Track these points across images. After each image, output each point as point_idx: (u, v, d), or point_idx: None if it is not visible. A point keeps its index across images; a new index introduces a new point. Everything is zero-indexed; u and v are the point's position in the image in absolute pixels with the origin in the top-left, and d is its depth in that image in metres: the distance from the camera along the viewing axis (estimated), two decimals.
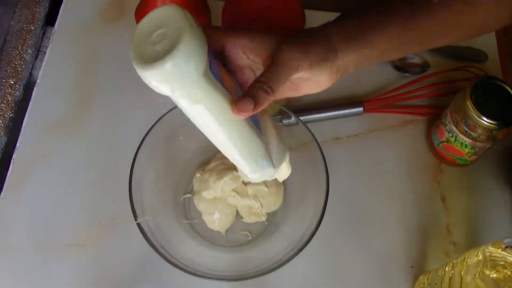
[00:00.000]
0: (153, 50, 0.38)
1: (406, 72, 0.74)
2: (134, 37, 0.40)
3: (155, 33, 0.39)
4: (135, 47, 0.39)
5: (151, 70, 0.37)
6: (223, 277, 0.53)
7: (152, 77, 0.38)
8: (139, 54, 0.39)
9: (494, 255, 0.49)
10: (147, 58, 0.38)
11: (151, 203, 0.57)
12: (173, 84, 0.39)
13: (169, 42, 0.38)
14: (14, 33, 0.73)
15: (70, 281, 0.59)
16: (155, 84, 0.39)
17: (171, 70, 0.37)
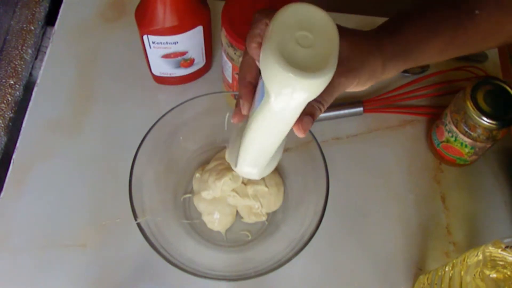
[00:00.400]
0: (300, 53, 0.36)
1: (406, 72, 0.74)
2: (275, 26, 0.37)
3: (299, 32, 0.37)
4: (278, 37, 0.36)
5: (307, 78, 0.35)
6: (223, 277, 0.53)
7: (298, 84, 0.36)
8: (282, 47, 0.36)
9: (494, 255, 0.49)
10: (293, 59, 0.36)
11: (151, 203, 0.57)
12: (304, 95, 0.38)
13: (320, 53, 0.36)
14: (14, 33, 0.73)
15: (70, 281, 0.59)
16: (286, 89, 0.37)
17: (318, 85, 0.37)
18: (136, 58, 0.71)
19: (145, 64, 0.69)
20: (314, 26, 0.37)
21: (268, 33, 0.37)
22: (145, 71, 0.70)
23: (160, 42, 0.62)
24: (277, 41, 0.36)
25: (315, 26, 0.37)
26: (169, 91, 0.71)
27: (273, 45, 0.36)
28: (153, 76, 0.70)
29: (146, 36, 0.61)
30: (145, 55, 0.66)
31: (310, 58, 0.36)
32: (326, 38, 0.37)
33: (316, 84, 0.37)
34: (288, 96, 0.38)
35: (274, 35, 0.37)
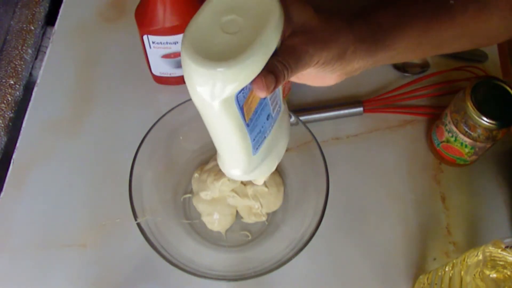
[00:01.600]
0: (221, 41, 0.33)
1: (406, 72, 0.74)
2: (203, 10, 0.34)
3: (227, 17, 0.34)
4: (196, 24, 0.33)
5: (208, 68, 0.32)
6: (223, 277, 0.53)
7: (202, 74, 0.33)
8: (199, 38, 0.33)
9: (494, 255, 0.49)
10: (209, 49, 0.32)
11: (151, 203, 0.57)
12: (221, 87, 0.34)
13: (245, 38, 0.33)
14: (14, 33, 0.73)
15: (70, 281, 0.59)
16: (201, 79, 0.33)
17: (234, 74, 0.33)
18: (136, 58, 0.71)
19: (145, 64, 0.69)
20: (247, 5, 0.34)
21: (190, 22, 0.34)
22: (145, 71, 0.70)
23: (160, 42, 0.62)
24: (193, 31, 0.33)
25: (249, 4, 0.34)
26: (169, 91, 0.71)
27: (186, 37, 0.33)
28: (153, 76, 0.70)
29: (146, 36, 0.61)
30: (145, 55, 0.66)
31: (231, 46, 0.33)
32: (261, 19, 0.33)
33: (230, 71, 0.33)
34: (200, 88, 0.34)
35: (192, 25, 0.33)
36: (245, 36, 0.33)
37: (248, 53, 0.33)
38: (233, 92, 0.35)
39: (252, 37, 0.33)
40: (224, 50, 0.33)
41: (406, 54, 0.48)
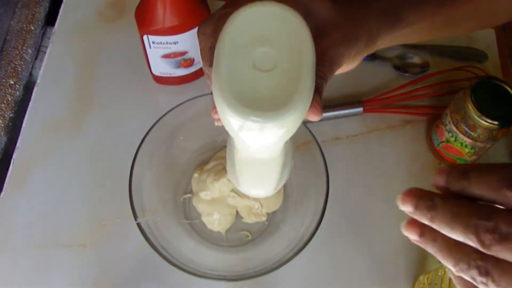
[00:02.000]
0: (261, 82, 0.28)
1: (406, 72, 0.74)
2: (222, 47, 0.28)
3: (256, 50, 0.28)
4: (226, 65, 0.27)
5: (272, 119, 0.27)
6: (223, 277, 0.53)
7: (263, 128, 0.28)
8: (233, 80, 0.27)
9: None
10: (248, 94, 0.27)
11: (151, 203, 0.57)
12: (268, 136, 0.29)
13: (287, 74, 0.27)
14: (14, 33, 0.73)
15: (70, 281, 0.59)
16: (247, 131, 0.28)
17: (293, 120, 0.28)
18: (136, 58, 0.71)
19: (145, 64, 0.69)
20: (276, 33, 0.28)
21: (215, 60, 0.28)
22: (145, 71, 0.70)
23: (160, 42, 0.62)
24: (225, 73, 0.27)
25: (278, 32, 0.28)
26: (169, 91, 0.71)
27: (220, 82, 0.27)
28: (153, 76, 0.70)
29: (146, 36, 0.61)
30: (145, 55, 0.66)
31: (275, 87, 0.28)
32: (294, 46, 0.28)
33: (288, 120, 0.28)
34: (255, 142, 0.30)
35: (221, 65, 0.28)
36: (285, 72, 0.28)
37: (298, 97, 0.28)
38: (285, 139, 0.31)
39: (293, 73, 0.28)
40: (268, 95, 0.28)
41: (420, 32, 0.47)
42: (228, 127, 0.30)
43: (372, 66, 0.75)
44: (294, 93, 0.27)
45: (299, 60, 0.28)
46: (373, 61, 0.75)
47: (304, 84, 0.28)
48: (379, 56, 0.75)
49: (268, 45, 0.28)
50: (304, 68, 0.28)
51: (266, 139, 0.29)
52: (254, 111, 0.27)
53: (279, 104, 0.27)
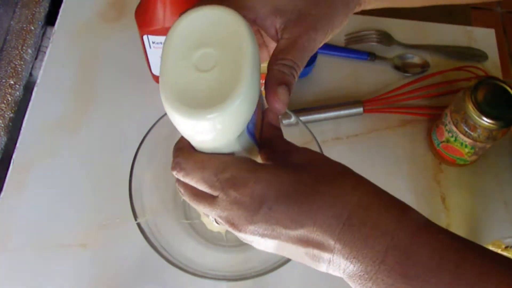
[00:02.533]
0: (201, 81, 0.29)
1: (406, 72, 0.74)
2: (167, 51, 0.30)
3: (198, 51, 0.30)
4: (169, 70, 0.30)
5: (198, 119, 0.29)
6: (223, 277, 0.53)
7: (196, 127, 0.30)
8: (175, 82, 0.30)
9: None
10: (190, 95, 0.29)
11: (151, 203, 0.57)
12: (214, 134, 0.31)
13: (224, 77, 0.29)
14: (14, 33, 0.73)
15: (70, 281, 0.59)
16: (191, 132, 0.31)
17: (234, 115, 0.29)
18: (136, 58, 0.71)
19: (145, 64, 0.69)
20: (216, 35, 0.30)
21: (160, 65, 0.31)
22: (145, 71, 0.70)
23: (160, 42, 0.62)
24: (167, 76, 0.30)
25: (218, 33, 0.30)
26: None
27: (163, 86, 0.30)
28: (153, 76, 0.70)
29: (146, 36, 0.61)
30: (145, 55, 0.66)
31: (214, 85, 0.29)
32: (235, 46, 0.29)
33: (228, 116, 0.29)
34: (204, 138, 0.32)
35: (163, 69, 0.30)
36: (225, 69, 0.29)
37: (236, 91, 0.29)
38: (243, 127, 0.32)
39: (233, 69, 0.29)
40: (209, 93, 0.29)
41: None
42: (178, 128, 0.32)
43: (372, 66, 0.75)
44: (231, 90, 0.29)
45: (238, 56, 0.29)
46: (373, 61, 0.75)
47: (243, 76, 0.29)
48: (379, 56, 0.75)
49: (208, 47, 0.30)
50: (243, 62, 0.29)
51: (213, 134, 0.31)
52: (194, 109, 0.29)
53: (219, 99, 0.29)
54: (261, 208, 0.31)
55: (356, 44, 0.76)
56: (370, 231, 0.31)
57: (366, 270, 0.31)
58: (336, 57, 0.75)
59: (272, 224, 0.31)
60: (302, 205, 0.31)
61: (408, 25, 0.78)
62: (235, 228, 0.33)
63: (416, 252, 0.30)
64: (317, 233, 0.31)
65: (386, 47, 0.76)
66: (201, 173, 0.34)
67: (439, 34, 0.78)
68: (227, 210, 0.32)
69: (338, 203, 0.32)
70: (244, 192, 0.32)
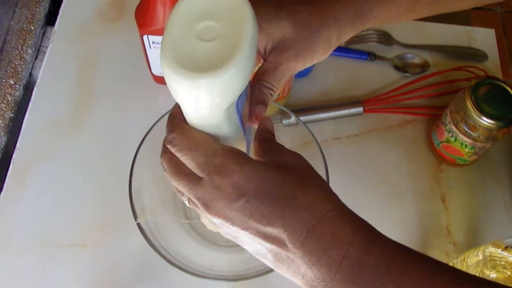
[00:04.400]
0: (201, 50, 0.31)
1: (406, 72, 0.74)
2: (172, 18, 0.32)
3: (202, 23, 0.32)
4: (172, 36, 0.32)
5: (194, 81, 0.31)
6: (223, 277, 0.53)
7: (197, 87, 0.31)
8: (176, 47, 0.31)
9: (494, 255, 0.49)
10: (189, 61, 0.31)
11: (151, 203, 0.57)
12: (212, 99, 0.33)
13: (226, 44, 0.31)
14: (14, 33, 0.73)
15: (70, 281, 0.59)
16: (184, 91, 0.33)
17: (226, 83, 0.32)
18: (136, 58, 0.71)
19: (145, 64, 0.69)
20: (222, 11, 0.32)
21: (163, 34, 0.33)
22: (145, 71, 0.70)
23: (160, 42, 0.62)
24: (169, 41, 0.31)
25: (224, 11, 0.32)
26: (169, 91, 0.71)
27: (164, 48, 0.31)
28: (153, 76, 0.70)
29: (146, 36, 0.61)
30: (145, 55, 0.66)
31: (213, 53, 0.31)
32: (236, 23, 0.32)
33: (222, 81, 0.31)
34: (197, 104, 0.33)
35: (167, 34, 0.32)
36: (226, 40, 0.32)
37: (234, 60, 0.31)
38: (233, 99, 0.34)
39: (233, 40, 0.32)
40: (207, 59, 0.31)
41: (398, 19, 0.47)
42: (172, 92, 0.34)
43: (372, 66, 0.75)
44: (230, 58, 0.31)
45: (239, 30, 0.31)
46: (373, 61, 0.75)
47: (240, 50, 0.31)
48: (379, 56, 0.75)
49: (212, 20, 0.32)
50: (243, 36, 0.31)
51: (205, 100, 0.32)
52: (192, 72, 0.30)
53: (213, 67, 0.31)
54: (239, 199, 0.34)
55: (356, 44, 0.76)
56: (330, 241, 0.33)
57: (323, 278, 0.33)
58: (336, 57, 0.75)
59: (245, 216, 0.34)
60: (277, 206, 0.34)
61: (408, 25, 0.78)
62: (208, 210, 0.35)
63: (366, 262, 0.33)
64: (284, 234, 0.34)
65: (386, 47, 0.76)
66: (193, 152, 0.36)
67: (439, 34, 0.78)
68: (207, 193, 0.35)
69: (309, 211, 0.34)
70: (229, 181, 0.34)
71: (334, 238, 0.34)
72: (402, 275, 0.32)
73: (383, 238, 0.36)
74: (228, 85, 0.32)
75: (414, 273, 0.33)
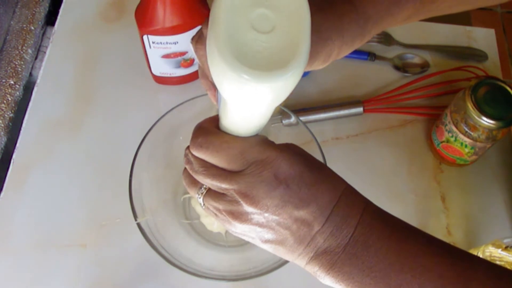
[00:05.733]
0: (258, 43, 0.28)
1: (406, 72, 0.74)
2: (220, 7, 0.28)
3: (255, 11, 0.28)
4: (224, 24, 0.27)
5: (258, 81, 0.27)
6: (223, 277, 0.53)
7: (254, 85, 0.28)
8: (232, 38, 0.27)
9: (494, 255, 0.49)
10: (246, 54, 0.27)
11: (151, 203, 0.57)
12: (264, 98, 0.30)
13: (285, 37, 0.28)
14: (14, 33, 0.73)
15: (70, 281, 0.59)
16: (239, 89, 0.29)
17: (287, 84, 0.29)
18: (136, 58, 0.71)
19: (145, 64, 0.69)
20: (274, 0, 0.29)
21: (210, 19, 0.28)
22: (145, 71, 0.70)
23: (160, 42, 0.62)
24: (224, 30, 0.27)
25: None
26: (169, 91, 0.71)
27: (218, 40, 0.27)
28: (153, 76, 0.70)
29: (146, 36, 0.61)
30: (145, 55, 0.66)
31: (273, 49, 0.28)
32: (292, 11, 0.29)
33: (286, 81, 0.29)
34: (250, 104, 0.31)
35: (219, 22, 0.27)
36: (283, 35, 0.28)
37: (298, 58, 0.28)
38: (284, 98, 0.32)
39: (291, 36, 0.29)
40: (268, 56, 0.28)
41: (396, 25, 0.47)
42: (223, 89, 0.30)
43: (372, 66, 0.75)
44: (292, 56, 0.28)
45: (297, 24, 0.29)
46: (373, 61, 0.75)
47: (302, 48, 0.29)
48: (379, 56, 0.75)
49: (265, 7, 0.28)
50: (302, 32, 0.29)
51: (260, 99, 0.30)
52: (253, 70, 0.27)
53: (277, 65, 0.28)
54: (279, 185, 0.36)
55: None
56: (348, 213, 0.38)
57: (338, 245, 0.37)
58: None
59: (284, 201, 0.36)
60: (311, 189, 0.37)
61: (408, 25, 0.77)
62: (250, 201, 0.36)
63: (375, 226, 0.39)
64: (315, 214, 0.37)
65: (386, 47, 0.76)
66: (227, 149, 0.37)
67: (439, 34, 0.78)
68: (248, 183, 0.36)
69: (332, 190, 0.38)
70: (271, 169, 0.36)
71: (352, 209, 0.38)
72: (402, 239, 0.38)
73: (384, 211, 0.42)
74: (288, 85, 0.30)
75: (414, 235, 0.38)
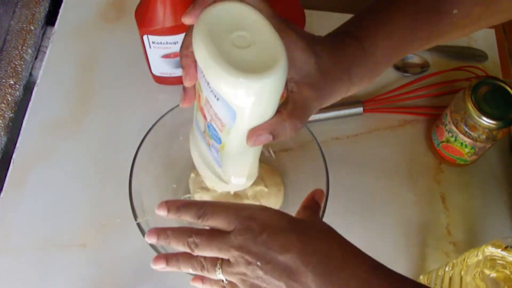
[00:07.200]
0: (241, 55, 0.34)
1: (406, 72, 0.74)
2: (205, 27, 0.34)
3: (234, 33, 0.34)
4: (211, 38, 0.34)
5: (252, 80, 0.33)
6: None
7: (243, 87, 0.34)
8: (219, 50, 0.33)
9: (494, 255, 0.49)
10: (236, 62, 0.33)
11: (151, 203, 0.57)
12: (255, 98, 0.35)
13: (264, 54, 0.34)
14: (14, 33, 0.73)
15: (70, 281, 0.59)
16: (232, 92, 0.34)
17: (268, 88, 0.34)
18: (136, 58, 0.71)
19: (145, 64, 0.69)
20: (245, 22, 0.35)
21: (196, 39, 0.35)
22: (145, 71, 0.70)
23: (160, 42, 0.62)
24: (213, 46, 0.34)
25: (246, 21, 0.35)
26: (169, 91, 0.71)
27: (212, 53, 0.33)
28: (153, 76, 0.70)
29: (146, 36, 0.61)
30: (145, 55, 0.66)
31: (255, 58, 0.34)
32: (265, 36, 0.35)
33: (276, 79, 0.34)
34: (242, 104, 0.36)
35: (206, 41, 0.34)
36: (260, 49, 0.34)
37: (280, 61, 0.34)
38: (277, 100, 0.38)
39: (268, 49, 0.34)
40: (253, 63, 0.34)
41: (404, 52, 0.47)
42: (224, 93, 0.35)
43: None
44: (277, 57, 0.34)
45: (269, 37, 0.34)
46: None
47: (280, 50, 0.34)
48: None
49: (240, 31, 0.34)
50: (276, 41, 0.35)
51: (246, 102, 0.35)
52: (247, 73, 0.33)
53: (265, 67, 0.33)
54: (263, 233, 0.40)
55: None
56: (339, 264, 0.39)
57: None
58: None
59: (269, 249, 0.39)
60: (291, 236, 0.40)
61: None
62: (241, 251, 0.40)
63: (371, 282, 0.40)
64: (298, 260, 0.39)
65: None
66: (224, 212, 0.42)
67: None
68: (239, 236, 0.40)
69: (319, 240, 0.41)
70: (256, 221, 0.41)
71: (344, 261, 0.40)
72: None
73: (383, 265, 0.42)
74: (279, 83, 0.35)
75: None
